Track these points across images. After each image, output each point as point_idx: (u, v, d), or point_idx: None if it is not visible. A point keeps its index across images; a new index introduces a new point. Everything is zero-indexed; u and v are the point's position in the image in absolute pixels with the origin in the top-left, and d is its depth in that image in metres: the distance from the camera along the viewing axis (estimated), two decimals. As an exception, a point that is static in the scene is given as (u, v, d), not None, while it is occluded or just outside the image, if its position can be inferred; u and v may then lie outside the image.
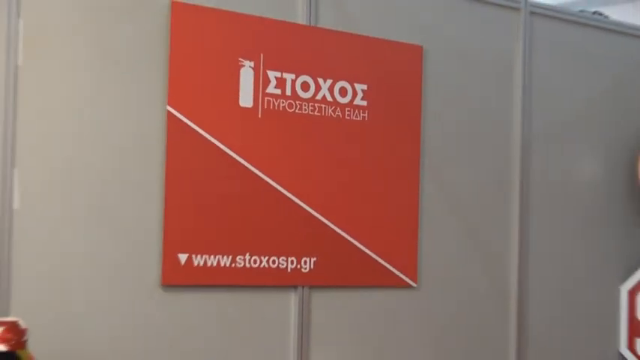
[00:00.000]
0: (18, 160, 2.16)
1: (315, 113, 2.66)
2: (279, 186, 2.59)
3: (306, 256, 2.62)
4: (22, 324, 1.97)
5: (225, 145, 2.44)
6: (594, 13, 3.50)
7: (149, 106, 2.36)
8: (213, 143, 2.41)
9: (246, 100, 2.48)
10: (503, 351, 3.19)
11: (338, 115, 2.72)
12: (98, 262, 2.32)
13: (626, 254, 3.43)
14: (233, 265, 2.46)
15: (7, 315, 2.10)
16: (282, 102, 2.59)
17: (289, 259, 2.58)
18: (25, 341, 1.96)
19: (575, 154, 3.38)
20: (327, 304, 2.74)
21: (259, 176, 2.53)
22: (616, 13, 4.50)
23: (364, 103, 2.76)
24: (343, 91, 2.73)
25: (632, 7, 5.67)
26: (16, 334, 1.94)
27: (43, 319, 2.17)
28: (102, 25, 2.33)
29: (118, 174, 2.35)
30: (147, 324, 2.37)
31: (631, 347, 3.26)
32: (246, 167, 2.50)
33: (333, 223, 2.70)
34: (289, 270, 2.59)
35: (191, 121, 2.37)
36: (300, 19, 2.69)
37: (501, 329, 3.17)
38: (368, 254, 2.78)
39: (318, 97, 2.67)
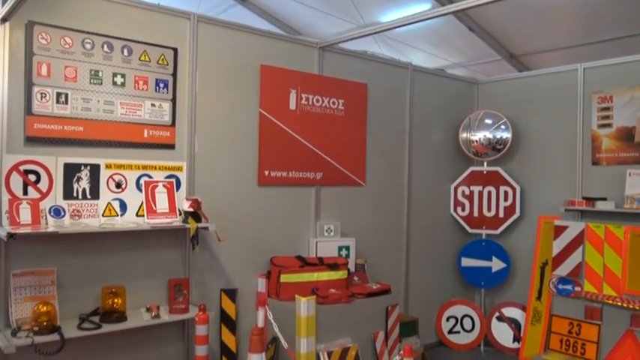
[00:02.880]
0: (197, 131, 3.25)
1: (322, 112, 3.84)
2: (306, 142, 3.75)
3: (318, 172, 3.81)
4: (200, 199, 3.05)
5: (284, 125, 3.63)
6: (441, 70, 4.70)
7: (252, 109, 3.51)
8: (278, 124, 3.60)
9: (292, 106, 3.69)
10: (400, 212, 4.43)
11: (332, 113, 3.88)
12: (231, 173, 3.40)
13: (453, 172, 4.73)
14: (287, 175, 3.66)
15: (193, 194, 3.16)
16: (308, 107, 3.78)
17: (310, 173, 3.77)
18: (201, 206, 3.04)
19: (432, 129, 4.55)
20: (327, 193, 3.91)
21: (298, 138, 3.70)
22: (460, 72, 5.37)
23: (343, 107, 3.94)
24: (334, 103, 3.90)
25: (465, 70, 6.42)
26: (197, 203, 3.05)
27: (208, 197, 3.22)
28: (232, 73, 3.42)
29: (239, 137, 3.45)
30: (252, 200, 3.54)
31: (455, 211, 4.74)
32: (292, 134, 3.67)
33: (329, 157, 3.86)
34: (311, 178, 3.78)
35: (269, 114, 3.56)
36: (316, 71, 3.90)
37: (400, 202, 4.44)
38: (344, 172, 3.96)
39: (324, 105, 3.85)
